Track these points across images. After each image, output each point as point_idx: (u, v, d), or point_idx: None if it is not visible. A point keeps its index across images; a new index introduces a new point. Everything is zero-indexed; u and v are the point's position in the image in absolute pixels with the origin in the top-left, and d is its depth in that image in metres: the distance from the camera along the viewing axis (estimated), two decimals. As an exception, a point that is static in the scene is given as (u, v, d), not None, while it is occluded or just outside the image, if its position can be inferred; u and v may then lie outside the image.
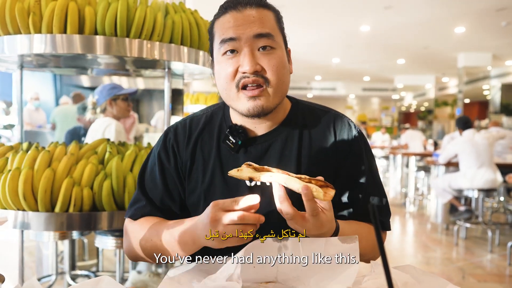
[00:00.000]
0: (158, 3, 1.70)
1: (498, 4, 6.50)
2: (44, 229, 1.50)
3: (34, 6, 1.53)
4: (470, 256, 4.24)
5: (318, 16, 7.30)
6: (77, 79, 6.74)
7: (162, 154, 1.02)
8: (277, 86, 0.90)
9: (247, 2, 0.90)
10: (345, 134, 1.00)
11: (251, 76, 0.88)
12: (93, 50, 1.53)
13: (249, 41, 0.88)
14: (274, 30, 0.91)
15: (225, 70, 0.90)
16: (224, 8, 0.92)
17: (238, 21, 0.88)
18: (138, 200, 1.02)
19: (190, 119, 1.06)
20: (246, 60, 0.87)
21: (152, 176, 1.02)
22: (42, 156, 1.52)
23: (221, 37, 0.90)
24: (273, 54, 0.90)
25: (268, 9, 0.92)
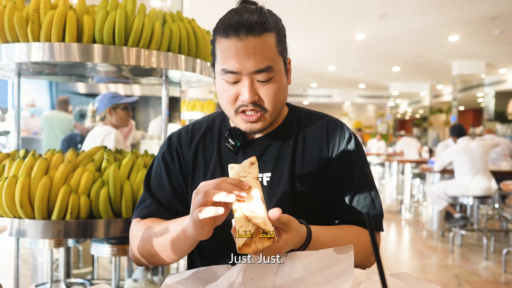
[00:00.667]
0: (156, 12, 1.71)
1: (491, 13, 6.59)
2: (41, 237, 1.49)
3: (32, 15, 1.54)
4: (465, 263, 4.26)
5: (314, 24, 7.36)
6: (73, 86, 6.73)
7: (167, 157, 1.06)
8: (273, 111, 0.95)
9: (248, 28, 0.89)
10: (337, 135, 1.03)
11: (249, 105, 0.93)
12: (91, 58, 1.54)
13: (249, 74, 0.91)
14: (274, 58, 0.92)
15: (226, 94, 0.94)
16: (225, 31, 0.91)
17: (240, 53, 0.89)
18: (144, 200, 1.05)
19: (192, 125, 1.11)
20: (245, 91, 0.91)
21: (158, 178, 1.05)
22: (39, 164, 1.52)
23: (223, 66, 0.92)
24: (272, 82, 0.93)
25: (269, 31, 0.92)
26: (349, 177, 1.00)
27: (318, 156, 1.01)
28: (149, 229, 0.97)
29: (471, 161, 4.58)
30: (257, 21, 0.90)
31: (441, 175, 5.35)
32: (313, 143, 1.03)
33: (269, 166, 1.01)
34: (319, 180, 1.00)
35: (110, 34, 1.54)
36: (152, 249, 0.94)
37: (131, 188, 1.57)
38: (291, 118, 1.06)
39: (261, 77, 0.91)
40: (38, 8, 1.55)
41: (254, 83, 0.92)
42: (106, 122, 2.82)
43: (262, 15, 0.91)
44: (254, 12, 0.91)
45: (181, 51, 1.74)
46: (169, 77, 1.89)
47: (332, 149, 1.02)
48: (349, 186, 1.00)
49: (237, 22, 0.89)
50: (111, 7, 1.60)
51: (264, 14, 0.92)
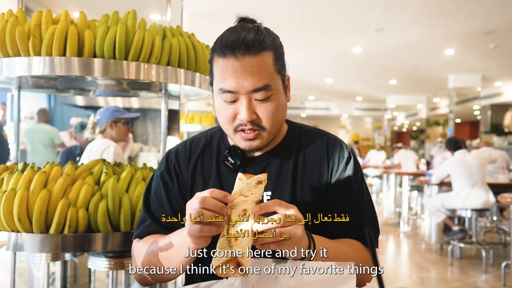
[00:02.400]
0: (156, 26, 1.73)
1: (485, 27, 6.69)
2: (39, 251, 1.49)
3: (34, 29, 1.56)
4: (464, 276, 4.24)
5: (311, 37, 7.45)
6: (72, 98, 6.74)
7: (165, 175, 1.06)
8: (271, 129, 0.96)
9: (246, 47, 0.89)
10: (337, 154, 1.04)
11: (248, 124, 0.93)
12: (91, 72, 1.56)
13: (247, 93, 0.91)
14: (271, 77, 0.93)
15: (224, 113, 0.95)
16: (222, 50, 0.91)
17: (237, 73, 0.90)
18: (144, 220, 1.05)
19: (190, 141, 1.10)
20: (243, 110, 0.92)
21: (157, 196, 1.06)
22: (38, 177, 1.52)
23: (220, 85, 0.92)
24: (270, 101, 0.94)
25: (266, 50, 0.92)
26: (347, 196, 1.01)
27: (318, 174, 1.02)
28: (154, 244, 0.97)
29: (469, 173, 4.60)
30: (254, 40, 0.90)
31: (439, 187, 5.36)
32: (313, 161, 1.03)
33: (270, 184, 1.01)
34: (319, 199, 1.01)
35: (111, 49, 1.56)
36: (158, 262, 0.94)
37: (129, 202, 1.57)
38: (291, 135, 1.06)
39: (259, 96, 0.92)
40: (39, 23, 1.57)
41: (251, 102, 0.92)
42: (106, 135, 2.83)
43: (259, 33, 0.92)
44: (251, 30, 0.92)
45: (181, 65, 1.75)
46: (168, 90, 1.90)
47: (332, 168, 1.03)
48: (347, 205, 1.01)
49: (234, 42, 0.89)
50: (112, 22, 1.62)
51: (261, 32, 0.92)
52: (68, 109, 6.98)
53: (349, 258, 0.93)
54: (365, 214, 1.01)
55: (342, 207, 1.00)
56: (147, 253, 0.98)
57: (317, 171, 1.02)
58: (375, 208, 1.06)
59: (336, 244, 0.94)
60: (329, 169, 1.03)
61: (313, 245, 0.86)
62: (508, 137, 11.41)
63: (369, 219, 1.02)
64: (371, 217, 1.03)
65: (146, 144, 5.94)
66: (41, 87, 1.97)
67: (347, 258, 0.92)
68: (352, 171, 1.03)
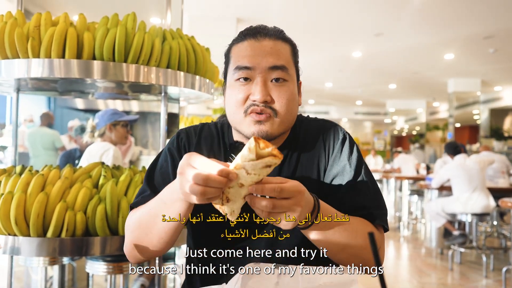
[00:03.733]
0: (156, 29, 1.73)
1: (485, 32, 6.70)
2: (36, 255, 1.47)
3: (33, 31, 1.55)
4: (465, 281, 4.21)
5: (311, 42, 7.45)
6: (72, 102, 6.74)
7: (174, 152, 1.03)
8: (284, 117, 0.93)
9: (266, 32, 0.93)
10: (331, 136, 1.02)
11: (260, 105, 0.90)
12: (91, 75, 1.55)
13: (263, 72, 0.91)
14: (288, 63, 0.94)
15: (236, 95, 0.93)
16: (243, 35, 0.95)
17: (255, 51, 0.91)
18: (144, 191, 1.02)
19: (202, 125, 1.08)
20: (258, 89, 0.90)
21: (163, 171, 1.02)
22: (35, 180, 1.50)
23: (237, 64, 0.92)
24: (285, 86, 0.92)
25: (285, 42, 0.96)
26: (345, 176, 0.98)
27: (317, 162, 1.00)
28: (143, 207, 0.94)
29: (469, 178, 4.59)
30: (274, 29, 0.95)
31: (439, 192, 5.34)
32: (312, 150, 1.02)
33: None
34: (321, 186, 0.99)
35: (110, 51, 1.55)
36: (146, 224, 0.90)
37: (128, 205, 1.56)
38: (295, 134, 1.04)
39: (276, 75, 0.91)
40: (39, 24, 1.56)
41: (267, 82, 0.91)
42: (105, 138, 2.82)
43: (278, 28, 0.97)
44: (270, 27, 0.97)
45: (181, 68, 1.74)
46: (168, 93, 1.89)
47: (328, 151, 1.01)
48: (346, 185, 0.97)
49: (254, 28, 0.95)
50: (112, 24, 1.61)
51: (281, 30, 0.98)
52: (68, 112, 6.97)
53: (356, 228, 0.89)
54: (367, 194, 0.97)
55: (341, 188, 0.97)
56: (137, 216, 0.94)
57: (316, 158, 1.01)
58: (377, 186, 1.01)
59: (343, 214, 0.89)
60: (326, 153, 1.01)
61: (317, 208, 0.82)
62: (508, 142, 11.41)
63: (372, 199, 0.97)
64: (373, 197, 0.98)
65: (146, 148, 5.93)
66: (40, 89, 1.96)
67: (354, 227, 0.89)
68: (348, 151, 1.00)
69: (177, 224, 0.88)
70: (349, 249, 0.89)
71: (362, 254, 0.90)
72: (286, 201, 0.73)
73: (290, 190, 0.73)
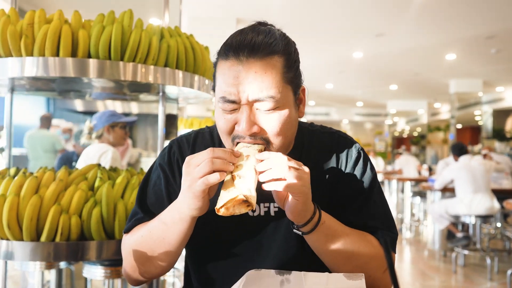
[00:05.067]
0: (153, 27, 1.68)
1: (487, 32, 6.66)
2: (29, 260, 1.41)
3: (26, 29, 1.50)
4: (469, 284, 4.15)
5: (312, 42, 7.41)
6: (71, 103, 6.70)
7: (166, 168, 0.97)
8: (278, 144, 0.84)
9: (250, 49, 0.79)
10: (344, 153, 0.96)
11: (247, 138, 0.82)
12: (86, 74, 1.50)
13: (248, 103, 0.80)
14: (278, 86, 0.80)
15: (223, 124, 0.84)
16: (225, 53, 0.82)
17: (239, 78, 0.79)
18: (136, 213, 0.97)
19: (195, 134, 1.02)
20: (243, 121, 0.81)
21: (156, 190, 0.97)
22: (29, 182, 1.45)
23: (221, 94, 0.81)
24: (274, 114, 0.81)
25: (276, 54, 0.81)
26: (357, 198, 0.94)
27: (326, 177, 0.95)
28: (140, 229, 0.91)
29: (473, 179, 4.53)
30: (261, 42, 0.79)
31: (442, 193, 5.29)
32: (321, 164, 0.96)
33: None
34: (329, 203, 0.94)
35: (106, 49, 1.50)
36: (147, 247, 0.87)
37: (125, 208, 1.50)
38: (298, 141, 0.97)
39: (261, 106, 0.80)
40: (32, 22, 1.51)
41: (253, 111, 0.81)
42: (103, 140, 2.77)
43: (269, 36, 0.81)
44: (261, 33, 0.82)
45: (179, 67, 1.70)
46: (166, 93, 1.84)
47: (340, 168, 0.96)
48: (356, 207, 0.93)
49: (238, 43, 0.80)
50: (108, 22, 1.56)
51: (273, 35, 0.82)
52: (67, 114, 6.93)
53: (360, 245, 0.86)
54: (376, 217, 0.93)
55: (351, 208, 0.93)
56: (136, 239, 0.90)
57: (325, 175, 0.95)
58: (389, 208, 0.98)
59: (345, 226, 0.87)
60: (338, 170, 0.96)
61: (319, 212, 0.81)
62: (510, 143, 11.34)
63: (382, 221, 0.93)
64: (384, 219, 0.94)
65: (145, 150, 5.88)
66: (36, 90, 1.91)
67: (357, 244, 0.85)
68: (361, 171, 0.95)
69: (180, 245, 0.86)
70: (354, 260, 0.85)
71: (368, 265, 0.86)
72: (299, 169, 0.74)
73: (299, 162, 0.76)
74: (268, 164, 0.74)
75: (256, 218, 0.92)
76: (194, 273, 0.99)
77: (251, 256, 0.92)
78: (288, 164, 0.73)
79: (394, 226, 0.96)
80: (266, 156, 0.76)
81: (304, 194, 0.76)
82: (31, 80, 1.62)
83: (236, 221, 0.87)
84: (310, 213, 0.79)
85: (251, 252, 0.92)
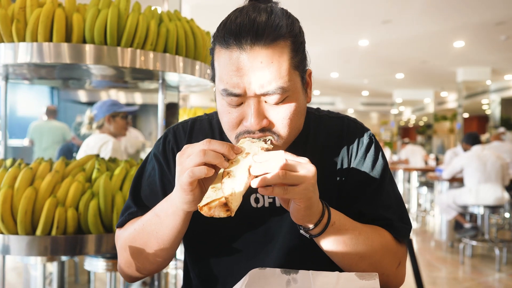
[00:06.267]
0: (151, 10, 1.60)
1: (497, 18, 6.49)
2: (25, 254, 1.36)
3: (18, 13, 1.43)
4: (477, 275, 4.09)
5: (316, 31, 7.28)
6: (74, 94, 6.65)
7: (161, 158, 0.91)
8: (288, 138, 0.78)
9: (255, 35, 0.71)
10: (355, 139, 0.90)
11: (256, 133, 0.75)
12: (83, 60, 1.43)
13: (255, 96, 0.73)
14: (287, 75, 0.73)
15: (227, 117, 0.77)
16: (225, 41, 0.73)
17: (243, 69, 0.71)
18: (129, 206, 0.91)
19: (193, 121, 0.95)
20: (250, 116, 0.74)
21: (150, 181, 0.91)
22: (23, 174, 1.40)
23: (223, 85, 0.74)
24: (284, 104, 0.75)
25: (282, 39, 0.73)
26: (368, 187, 0.88)
27: (336, 165, 0.89)
28: (134, 223, 0.85)
29: (483, 168, 4.44)
30: (265, 25, 0.71)
31: (450, 183, 5.20)
32: (330, 151, 0.89)
33: None
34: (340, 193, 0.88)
35: (102, 34, 1.43)
36: (141, 241, 0.82)
37: (123, 200, 1.45)
38: (305, 128, 0.89)
39: (270, 100, 0.74)
40: (24, 6, 1.44)
41: (261, 104, 0.74)
42: (104, 130, 2.71)
43: (273, 16, 0.73)
44: (263, 12, 0.73)
45: (179, 52, 1.62)
46: (166, 80, 1.77)
47: (350, 155, 0.89)
48: (367, 197, 0.87)
49: (239, 27, 0.71)
50: (103, 5, 1.49)
51: (276, 15, 0.74)
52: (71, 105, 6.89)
53: (373, 242, 0.80)
54: (389, 208, 0.87)
55: (362, 198, 0.87)
56: (129, 233, 0.85)
57: (334, 161, 0.89)
58: (402, 199, 0.91)
59: (357, 223, 0.80)
60: (348, 157, 0.89)
61: (328, 213, 0.74)
62: (518, 132, 11.17)
63: (394, 211, 0.87)
64: (397, 209, 0.88)
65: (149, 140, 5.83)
66: (32, 78, 1.85)
67: (370, 241, 0.79)
68: (373, 158, 0.89)
69: (174, 240, 0.80)
70: (368, 259, 0.79)
71: (383, 263, 0.80)
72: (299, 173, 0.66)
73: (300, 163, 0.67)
74: (263, 169, 0.65)
75: (259, 210, 0.86)
76: (193, 270, 0.93)
77: (254, 251, 0.86)
78: (287, 168, 0.65)
79: (408, 217, 0.90)
80: (263, 158, 0.67)
81: (307, 198, 0.67)
82: (26, 67, 1.56)
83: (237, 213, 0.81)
84: (318, 216, 0.72)
85: (253, 246, 0.86)
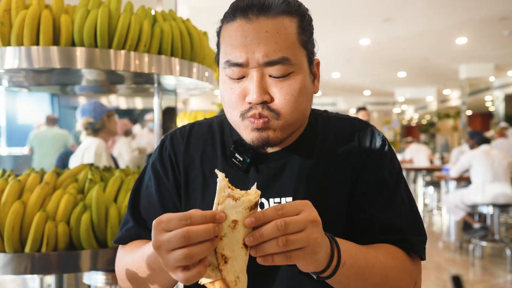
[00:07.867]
0: (144, 10, 1.52)
1: (500, 13, 6.38)
2: (13, 273, 1.27)
3: (3, 16, 1.34)
4: (488, 277, 3.98)
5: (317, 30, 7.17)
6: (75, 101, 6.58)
7: (158, 166, 0.85)
8: (289, 117, 0.73)
9: (260, 7, 0.71)
10: (367, 142, 0.83)
11: (258, 108, 0.71)
12: (73, 64, 1.34)
13: (258, 66, 0.71)
14: (291, 49, 0.72)
15: (230, 95, 0.74)
16: (232, 12, 0.73)
17: (247, 38, 0.70)
18: (127, 222, 0.85)
19: (191, 126, 0.89)
20: (252, 88, 0.71)
21: (148, 193, 0.85)
22: (10, 187, 1.31)
23: (227, 57, 0.73)
24: (288, 80, 0.72)
25: (289, 15, 0.73)
26: (381, 193, 0.80)
27: (346, 169, 0.81)
28: (130, 254, 0.79)
29: (491, 165, 4.34)
30: (273, 0, 0.72)
31: (457, 183, 5.09)
32: (340, 154, 0.82)
33: (290, 188, 0.79)
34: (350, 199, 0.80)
35: (92, 35, 1.34)
36: (138, 277, 0.76)
37: (118, 213, 1.36)
38: (312, 127, 0.84)
39: (274, 72, 0.71)
40: (9, 8, 1.36)
41: (264, 78, 0.71)
42: (105, 131, 2.61)
43: None
44: None
45: (174, 54, 1.53)
46: (162, 83, 1.68)
47: (362, 160, 0.81)
48: (380, 203, 0.79)
49: (248, 2, 0.72)
50: (93, 5, 1.40)
51: None
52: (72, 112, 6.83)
53: (387, 270, 0.71)
54: (403, 216, 0.80)
55: (374, 204, 0.79)
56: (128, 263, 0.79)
57: (344, 164, 0.81)
58: (417, 207, 0.83)
59: (369, 252, 0.72)
60: (360, 161, 0.81)
61: (337, 253, 0.64)
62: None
63: (409, 221, 0.80)
64: (411, 219, 0.80)
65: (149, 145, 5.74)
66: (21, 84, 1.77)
67: (385, 270, 0.71)
68: (386, 161, 0.81)
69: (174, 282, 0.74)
70: (384, 287, 0.71)
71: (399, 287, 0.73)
72: (300, 234, 0.56)
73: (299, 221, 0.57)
74: (260, 236, 0.56)
75: None
76: None
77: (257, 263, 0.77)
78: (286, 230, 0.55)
79: (423, 227, 0.82)
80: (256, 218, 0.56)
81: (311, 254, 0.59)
82: (13, 73, 1.47)
83: None
84: (326, 261, 0.62)
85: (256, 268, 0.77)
